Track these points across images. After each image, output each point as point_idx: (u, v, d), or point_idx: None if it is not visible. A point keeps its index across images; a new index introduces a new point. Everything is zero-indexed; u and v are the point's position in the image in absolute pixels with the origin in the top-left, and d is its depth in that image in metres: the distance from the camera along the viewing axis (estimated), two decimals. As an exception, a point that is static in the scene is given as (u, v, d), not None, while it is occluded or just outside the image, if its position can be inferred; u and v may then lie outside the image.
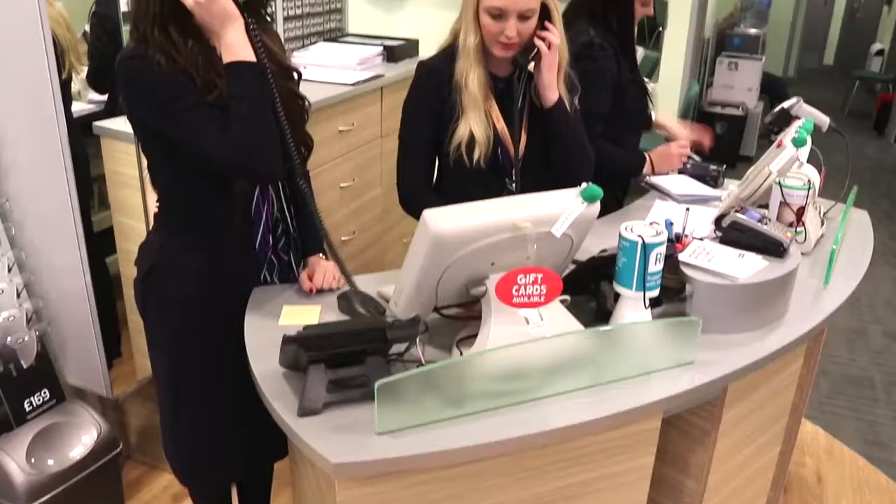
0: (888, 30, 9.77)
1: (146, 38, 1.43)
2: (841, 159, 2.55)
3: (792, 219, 1.86)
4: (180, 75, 1.42)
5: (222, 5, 1.40)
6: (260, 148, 1.44)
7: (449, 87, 1.86)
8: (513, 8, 1.74)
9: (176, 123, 1.43)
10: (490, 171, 1.90)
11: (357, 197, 3.06)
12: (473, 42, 1.81)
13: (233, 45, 1.42)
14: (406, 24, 3.60)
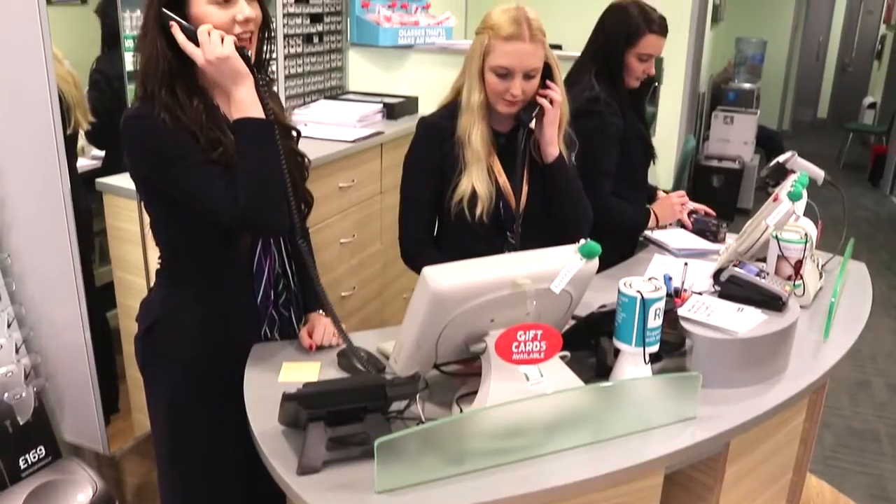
0: (879, 83, 9.91)
1: (153, 97, 1.45)
2: (838, 211, 2.57)
3: (790, 272, 1.87)
4: (184, 134, 1.44)
5: (234, 64, 1.43)
6: (268, 202, 1.45)
7: (451, 142, 1.89)
8: (519, 68, 1.79)
9: (182, 181, 1.45)
10: (492, 224, 1.91)
11: (357, 252, 3.08)
12: (478, 99, 1.84)
13: (243, 101, 1.45)
14: (405, 82, 3.66)
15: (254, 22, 1.50)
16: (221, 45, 1.42)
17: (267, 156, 1.46)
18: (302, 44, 3.45)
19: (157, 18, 1.44)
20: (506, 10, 1.81)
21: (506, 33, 1.77)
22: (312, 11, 3.48)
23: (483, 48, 1.81)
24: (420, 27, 3.67)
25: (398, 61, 3.66)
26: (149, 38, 1.45)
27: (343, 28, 3.70)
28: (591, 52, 2.41)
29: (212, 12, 1.45)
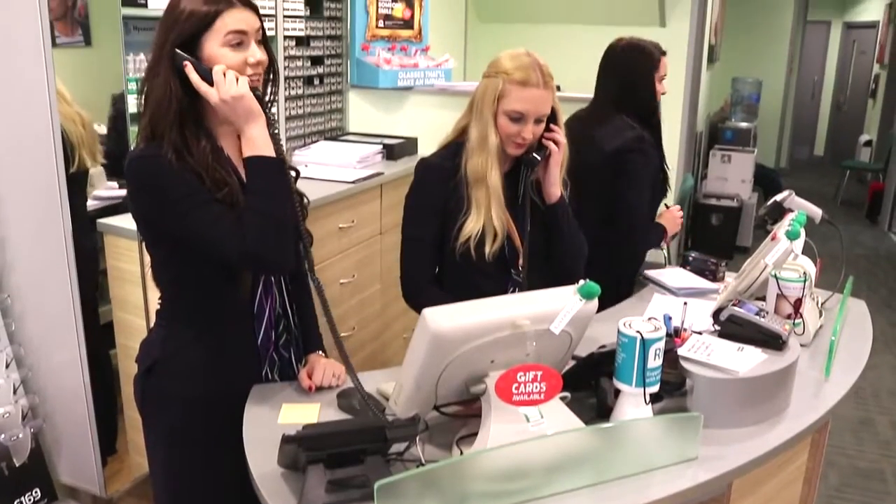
0: (874, 121, 10.01)
1: (160, 137, 1.46)
2: (836, 248, 2.58)
3: (789, 311, 1.87)
4: (190, 174, 1.46)
5: (248, 103, 1.46)
6: (276, 240, 1.47)
7: (454, 181, 1.91)
8: (532, 113, 1.84)
9: (188, 219, 1.45)
10: (496, 262, 1.93)
11: (357, 293, 3.08)
12: (495, 141, 1.87)
13: (256, 140, 1.47)
14: (405, 123, 3.69)
15: (262, 65, 1.53)
16: (237, 85, 1.45)
17: (277, 194, 1.48)
18: (303, 86, 3.49)
19: (170, 59, 1.46)
20: (517, 56, 1.86)
21: (521, 79, 1.82)
22: (313, 54, 3.53)
23: (497, 92, 1.84)
24: (419, 69, 3.72)
25: (398, 103, 3.70)
26: (161, 78, 1.47)
27: (343, 70, 3.75)
28: (612, 92, 2.47)
29: (225, 54, 1.48)
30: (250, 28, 1.50)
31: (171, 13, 1.48)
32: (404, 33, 3.84)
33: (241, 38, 1.49)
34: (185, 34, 1.46)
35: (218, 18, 1.46)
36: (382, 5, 3.70)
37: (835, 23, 12.09)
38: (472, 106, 1.92)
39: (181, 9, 1.47)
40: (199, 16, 1.46)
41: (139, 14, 2.54)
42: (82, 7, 2.34)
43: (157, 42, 1.49)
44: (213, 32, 1.47)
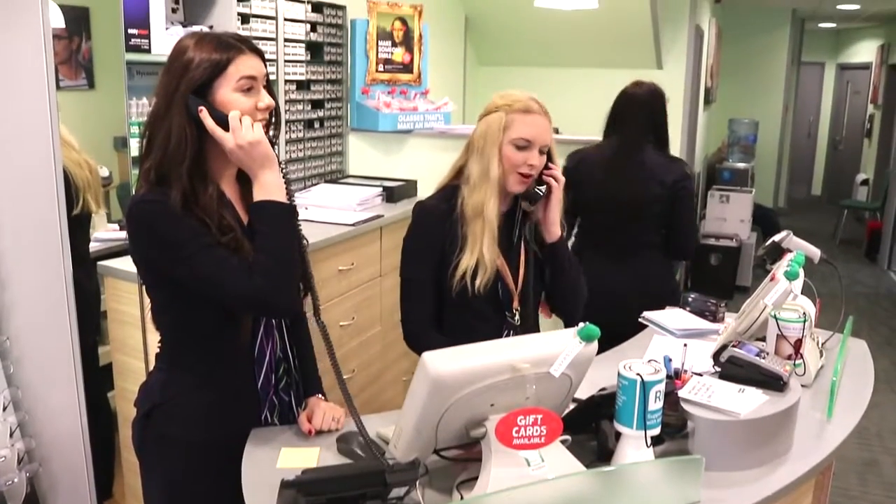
0: (870, 161, 10.09)
1: (169, 181, 1.47)
2: (836, 287, 2.58)
3: (790, 351, 1.86)
4: (194, 220, 1.46)
5: (265, 148, 1.48)
6: (284, 283, 1.49)
7: (449, 222, 1.94)
8: (538, 141, 1.90)
9: (194, 262, 1.45)
10: (491, 304, 1.95)
11: (357, 335, 3.07)
12: (497, 173, 1.89)
13: (270, 185, 1.49)
14: (405, 166, 3.72)
15: (270, 109, 1.55)
16: (252, 131, 1.47)
17: (288, 238, 1.50)
18: (303, 129, 3.53)
19: (184, 104, 1.47)
20: (511, 92, 1.93)
21: (524, 107, 1.89)
22: (314, 98, 3.57)
23: (502, 123, 1.89)
24: (419, 112, 3.76)
25: (397, 146, 3.73)
26: (175, 123, 1.47)
27: (343, 114, 3.79)
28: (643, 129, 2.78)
29: (237, 99, 1.49)
30: (259, 73, 1.53)
31: (179, 61, 1.49)
32: (404, 77, 3.89)
33: (252, 84, 1.51)
34: (198, 80, 1.48)
35: (231, 64, 1.49)
36: (382, 50, 3.75)
37: (828, 64, 12.27)
38: (471, 146, 1.96)
39: (191, 56, 1.48)
40: (212, 62, 1.48)
41: (142, 59, 2.58)
42: (86, 51, 2.38)
43: (165, 88, 1.50)
44: (226, 78, 1.49)
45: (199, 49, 1.49)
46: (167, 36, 2.61)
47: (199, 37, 1.52)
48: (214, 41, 1.50)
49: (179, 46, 1.52)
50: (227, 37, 1.53)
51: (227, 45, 1.50)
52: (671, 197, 2.73)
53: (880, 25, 10.33)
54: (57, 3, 2.13)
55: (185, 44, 1.51)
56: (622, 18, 4.86)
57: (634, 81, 2.85)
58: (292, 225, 1.53)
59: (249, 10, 3.07)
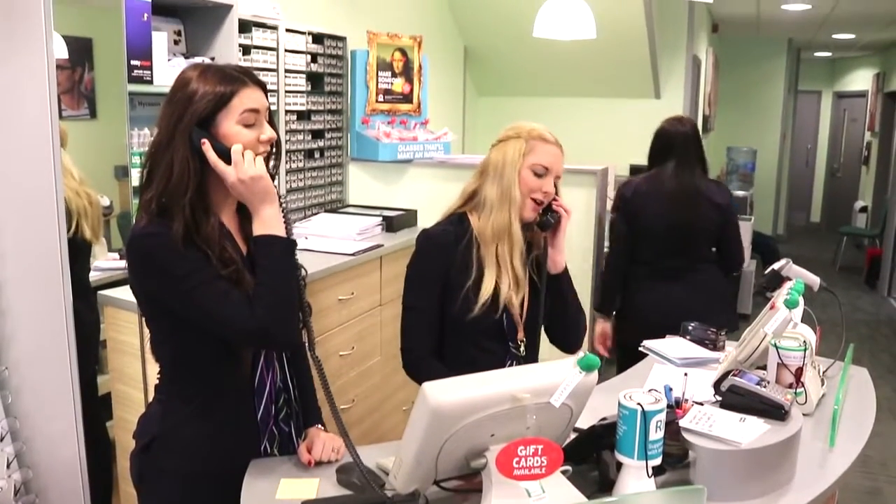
0: (868, 188, 10.13)
1: (170, 214, 1.47)
2: (837, 315, 2.58)
3: (791, 380, 1.86)
4: (196, 252, 1.46)
5: (266, 183, 1.49)
6: (284, 317, 1.49)
7: (457, 249, 1.95)
8: (554, 168, 1.97)
9: (196, 295, 1.45)
10: (496, 335, 1.97)
11: (356, 365, 3.06)
12: (520, 196, 1.94)
13: (270, 219, 1.50)
14: (405, 196, 3.73)
15: (271, 142, 1.56)
16: (255, 166, 1.48)
17: (288, 273, 1.51)
18: (303, 159, 3.55)
19: (187, 136, 1.47)
20: (526, 122, 2.00)
21: (541, 136, 1.97)
22: (314, 128, 3.59)
23: (522, 149, 1.95)
24: (419, 142, 3.78)
25: (397, 175, 3.75)
26: (178, 155, 1.47)
27: (344, 143, 3.81)
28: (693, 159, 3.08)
29: (240, 132, 1.50)
30: (262, 107, 1.54)
31: (182, 92, 1.50)
32: (404, 107, 3.92)
33: (255, 117, 1.52)
34: (201, 113, 1.48)
35: (234, 97, 1.50)
36: (382, 80, 3.78)
37: (825, 92, 12.38)
38: (486, 170, 2.00)
39: (195, 88, 1.49)
40: (216, 95, 1.48)
41: (144, 90, 2.60)
42: (89, 81, 2.40)
43: (168, 119, 1.50)
44: (229, 111, 1.50)
45: (203, 81, 1.49)
46: (169, 67, 2.64)
47: (202, 68, 1.53)
48: (219, 73, 1.51)
49: (183, 77, 1.52)
50: (231, 69, 1.54)
51: (231, 78, 1.51)
52: (723, 217, 3.04)
53: (875, 54, 10.43)
54: (60, 34, 2.15)
55: (188, 75, 1.52)
56: (620, 49, 4.91)
57: (675, 117, 3.18)
58: (291, 259, 1.53)
59: (251, 41, 3.11)
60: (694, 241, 3.01)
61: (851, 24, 7.92)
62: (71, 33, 2.25)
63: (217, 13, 2.86)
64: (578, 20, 3.49)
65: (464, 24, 5.33)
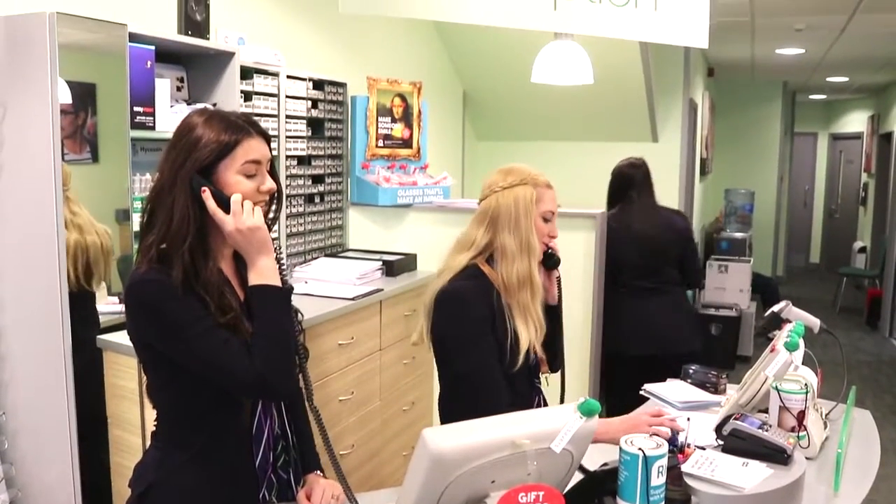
0: (867, 228, 10.17)
1: (170, 260, 1.47)
2: (838, 356, 2.57)
3: (793, 423, 1.85)
4: (194, 299, 1.46)
5: (263, 234, 1.50)
6: (282, 368, 1.48)
7: (494, 298, 1.95)
8: (556, 211, 2.06)
9: (194, 346, 1.45)
10: (527, 377, 2.02)
11: (356, 410, 3.05)
12: (537, 244, 1.99)
13: (266, 270, 1.50)
14: (404, 240, 3.74)
15: (271, 192, 1.58)
16: (253, 217, 1.49)
17: (285, 323, 1.50)
18: (304, 203, 3.57)
19: (188, 183, 1.48)
20: (524, 166, 2.03)
21: (546, 183, 2.03)
22: (314, 173, 3.62)
23: (533, 196, 1.98)
24: (418, 187, 3.80)
25: (397, 220, 3.77)
26: (179, 201, 1.48)
27: (344, 188, 3.84)
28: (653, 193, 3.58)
29: (240, 182, 1.51)
30: (263, 157, 1.55)
31: (187, 138, 1.51)
32: (403, 152, 3.95)
33: (256, 168, 1.54)
34: (204, 160, 1.49)
35: (237, 147, 1.51)
36: (382, 125, 3.82)
37: (821, 134, 12.50)
38: (497, 219, 1.98)
39: (199, 135, 1.50)
40: (220, 144, 1.49)
41: (146, 136, 2.62)
42: (91, 126, 2.42)
43: (171, 164, 1.50)
44: (232, 160, 1.51)
45: (208, 128, 1.50)
46: (172, 114, 2.67)
47: (207, 115, 1.54)
48: (223, 122, 1.52)
49: (188, 123, 1.53)
50: (236, 118, 1.55)
51: (236, 128, 1.52)
52: (682, 239, 3.57)
53: (869, 97, 10.56)
54: (64, 79, 2.19)
55: (193, 121, 1.53)
56: (618, 93, 4.97)
57: (629, 160, 3.61)
58: (287, 309, 1.54)
59: (252, 87, 3.15)
60: (662, 264, 3.50)
61: (845, 67, 8.03)
62: (75, 78, 2.28)
63: (219, 60, 2.91)
64: (576, 66, 3.54)
65: (463, 70, 5.40)
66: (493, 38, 4.77)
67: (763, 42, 6.55)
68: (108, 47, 2.38)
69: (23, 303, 2.11)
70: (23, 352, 2.11)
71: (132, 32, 2.41)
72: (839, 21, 5.54)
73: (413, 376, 3.47)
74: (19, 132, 2.14)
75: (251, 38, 3.23)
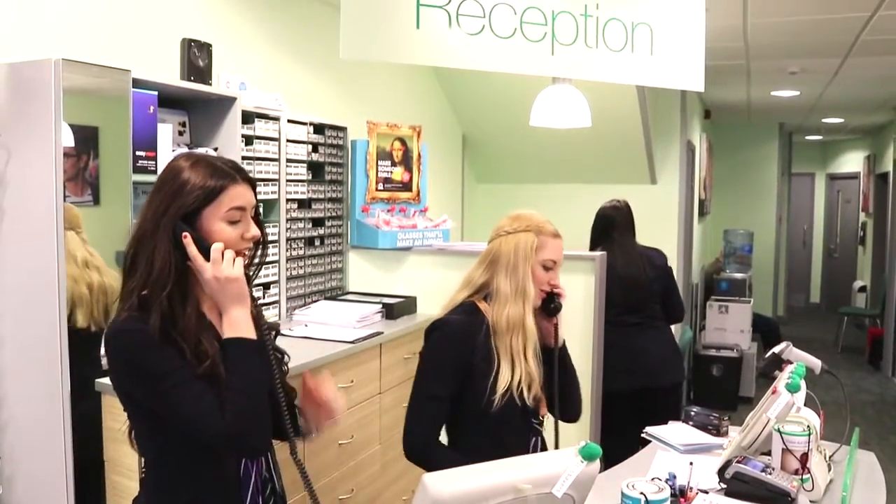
0: (866, 268, 10.17)
1: (148, 306, 1.45)
2: (841, 396, 2.55)
3: (796, 466, 1.83)
4: (172, 348, 1.44)
5: (240, 286, 1.49)
6: (254, 423, 1.46)
7: (478, 337, 2.00)
8: (559, 261, 2.10)
9: (169, 399, 1.43)
10: (519, 414, 2.02)
11: (355, 454, 3.02)
12: (532, 291, 2.03)
13: (238, 322, 1.49)
14: (404, 283, 3.74)
15: (255, 239, 1.57)
16: (232, 267, 1.48)
17: (258, 376, 1.48)
18: (304, 246, 3.58)
19: (172, 229, 1.47)
20: (534, 214, 2.09)
21: (552, 232, 2.08)
22: (314, 216, 3.64)
23: (534, 244, 2.03)
24: (418, 230, 3.81)
25: (397, 263, 3.77)
26: (160, 247, 1.47)
27: (344, 231, 3.85)
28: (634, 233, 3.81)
29: (223, 229, 1.51)
30: (248, 204, 1.55)
31: (172, 182, 1.50)
32: (403, 195, 3.97)
33: (241, 214, 1.53)
34: (188, 206, 1.48)
35: (222, 193, 1.50)
36: (382, 169, 3.85)
37: (818, 174, 12.58)
38: (496, 262, 2.06)
39: (185, 179, 1.49)
40: (205, 190, 1.49)
41: (148, 180, 2.64)
42: (93, 169, 2.44)
43: (155, 209, 1.50)
44: (215, 206, 1.50)
45: (194, 173, 1.50)
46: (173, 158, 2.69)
47: (194, 160, 1.54)
48: (210, 168, 1.52)
49: (174, 167, 1.53)
50: (222, 163, 1.55)
51: (222, 174, 1.52)
52: (662, 275, 3.76)
53: (865, 137, 10.65)
54: (68, 123, 2.22)
55: (179, 165, 1.52)
56: (616, 136, 5.02)
57: (612, 202, 3.84)
58: (262, 361, 1.51)
59: (253, 131, 3.18)
60: (645, 301, 3.69)
61: (839, 108, 8.12)
62: (78, 122, 2.31)
63: (221, 105, 2.94)
64: (574, 109, 3.57)
65: (462, 114, 5.46)
66: (492, 83, 4.83)
67: (758, 84, 6.63)
68: (112, 92, 2.41)
69: (23, 344, 2.11)
70: (22, 394, 2.10)
71: (136, 78, 2.45)
72: (832, 64, 5.62)
73: (413, 419, 3.44)
74: (23, 175, 2.16)
75: (253, 82, 3.28)
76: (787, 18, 4.34)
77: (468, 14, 2.77)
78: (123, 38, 2.77)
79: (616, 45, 3.04)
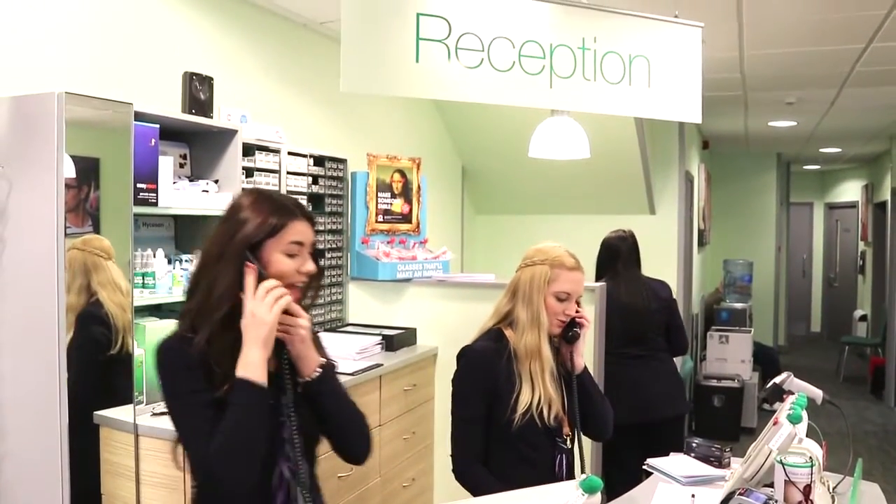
0: (866, 297, 10.16)
1: (195, 328, 1.53)
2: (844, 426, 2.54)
3: (799, 497, 1.82)
4: (202, 371, 1.51)
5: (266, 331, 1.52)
6: (232, 460, 1.48)
7: (502, 362, 2.14)
8: (575, 293, 2.21)
9: (176, 418, 1.53)
10: (544, 433, 2.15)
11: (355, 487, 3.00)
12: (546, 320, 2.16)
13: (251, 363, 1.51)
14: (404, 314, 3.73)
15: (310, 274, 1.64)
16: (270, 311, 1.51)
17: (253, 418, 1.50)
18: (304, 278, 3.58)
19: (237, 255, 1.54)
20: (555, 246, 2.22)
21: (570, 265, 2.19)
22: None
23: (547, 276, 2.17)
24: (418, 261, 3.82)
25: (396, 294, 3.77)
26: (223, 273, 1.54)
27: (344, 263, 3.85)
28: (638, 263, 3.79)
29: (281, 260, 1.58)
30: (307, 240, 1.62)
31: (236, 215, 1.59)
32: (403, 227, 3.98)
33: (299, 249, 1.61)
34: (252, 239, 1.56)
35: (284, 228, 1.58)
36: (382, 201, 3.87)
37: (817, 203, 12.63)
38: (516, 292, 2.20)
39: (246, 216, 1.57)
40: (269, 225, 1.57)
41: (149, 212, 2.66)
42: (94, 200, 2.45)
43: (221, 238, 1.58)
44: (277, 240, 1.58)
45: (256, 210, 1.58)
46: (174, 190, 2.71)
47: (254, 196, 1.62)
48: (272, 205, 1.60)
49: (237, 204, 1.61)
50: (284, 200, 1.64)
51: (284, 211, 1.59)
52: (667, 307, 3.74)
53: (862, 166, 10.71)
54: (69, 154, 2.23)
55: (241, 202, 1.61)
56: (614, 167, 5.05)
57: (618, 232, 3.83)
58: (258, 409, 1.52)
59: (254, 163, 3.20)
60: (648, 332, 3.67)
61: (836, 138, 8.17)
62: (79, 153, 2.32)
63: (222, 137, 2.96)
64: (573, 141, 3.59)
65: (461, 145, 5.49)
66: (491, 115, 4.87)
67: (756, 115, 6.68)
68: (114, 124, 2.43)
69: (22, 376, 2.10)
70: (20, 426, 2.10)
71: (137, 111, 2.47)
72: (829, 95, 5.67)
73: (413, 451, 3.42)
74: (24, 206, 2.17)
75: (253, 115, 3.30)
76: (783, 50, 4.39)
77: (467, 48, 2.80)
78: (126, 72, 2.80)
79: (614, 77, 3.06)
